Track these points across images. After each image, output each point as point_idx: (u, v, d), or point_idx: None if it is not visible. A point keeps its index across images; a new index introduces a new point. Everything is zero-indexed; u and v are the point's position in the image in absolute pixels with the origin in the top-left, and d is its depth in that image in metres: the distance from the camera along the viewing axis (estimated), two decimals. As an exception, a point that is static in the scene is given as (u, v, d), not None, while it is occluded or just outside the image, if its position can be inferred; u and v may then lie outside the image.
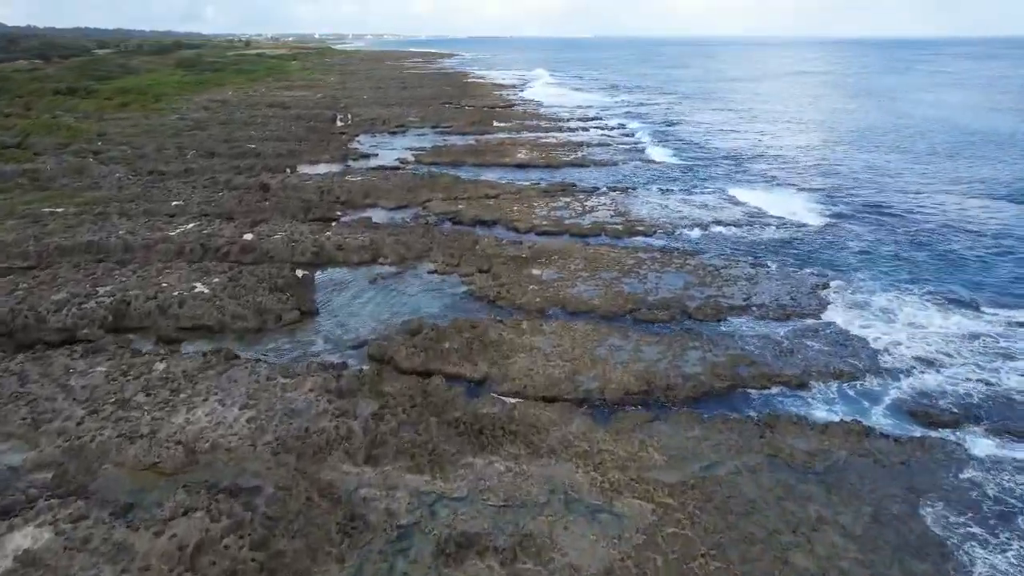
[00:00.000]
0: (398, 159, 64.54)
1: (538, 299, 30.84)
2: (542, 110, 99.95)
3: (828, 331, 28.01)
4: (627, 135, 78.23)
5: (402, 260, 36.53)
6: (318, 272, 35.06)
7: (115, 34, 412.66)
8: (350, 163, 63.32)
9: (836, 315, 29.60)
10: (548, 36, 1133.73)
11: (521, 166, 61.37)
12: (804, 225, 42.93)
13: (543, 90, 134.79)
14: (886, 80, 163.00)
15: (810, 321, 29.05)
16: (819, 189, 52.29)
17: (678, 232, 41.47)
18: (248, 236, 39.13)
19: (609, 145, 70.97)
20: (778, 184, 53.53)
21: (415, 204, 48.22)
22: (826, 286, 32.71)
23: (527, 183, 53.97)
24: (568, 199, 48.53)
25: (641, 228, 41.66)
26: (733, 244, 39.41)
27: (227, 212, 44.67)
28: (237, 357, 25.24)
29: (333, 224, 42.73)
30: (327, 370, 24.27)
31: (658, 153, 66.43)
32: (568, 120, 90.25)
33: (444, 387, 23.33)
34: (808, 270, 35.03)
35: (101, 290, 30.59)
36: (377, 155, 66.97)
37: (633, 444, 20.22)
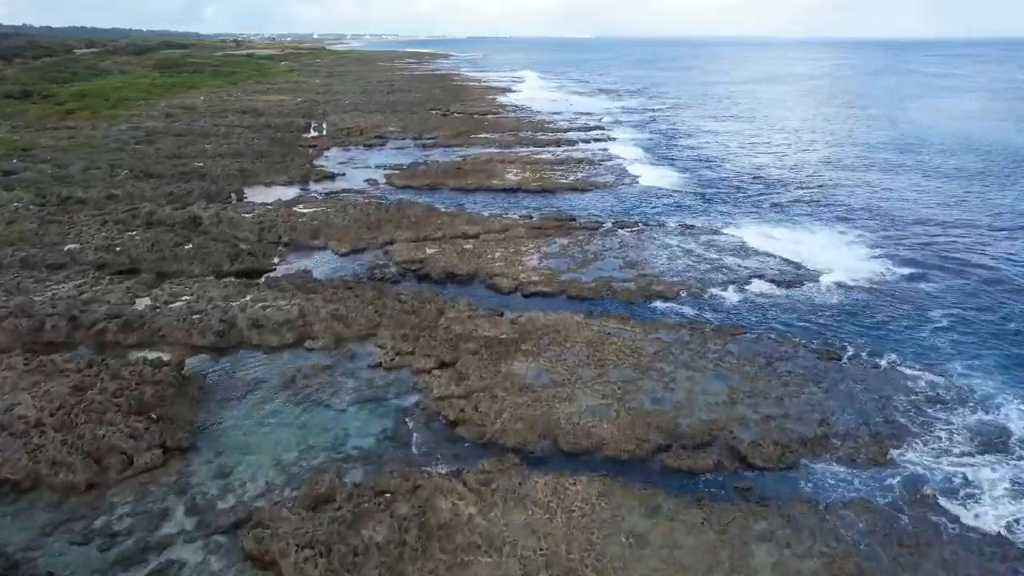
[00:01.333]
0: (367, 180, 54.44)
1: (519, 424, 20.79)
2: (538, 118, 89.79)
3: (951, 495, 18.04)
4: (632, 148, 68.07)
5: (338, 343, 26.50)
6: (217, 365, 25.03)
7: (111, 33, 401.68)
8: (310, 186, 53.21)
9: (959, 450, 19.66)
10: (548, 36, 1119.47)
11: (511, 190, 51.27)
12: (866, 283, 32.81)
13: (540, 94, 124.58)
14: (899, 85, 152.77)
15: (920, 467, 19.10)
16: (868, 226, 42.15)
17: (708, 293, 31.40)
18: (141, 303, 29.06)
19: (612, 162, 60.83)
20: (819, 220, 43.40)
21: (375, 246, 38.17)
22: (931, 396, 22.70)
23: (516, 216, 43.90)
24: (565, 240, 38.45)
25: (659, 288, 31.56)
26: (784, 314, 29.36)
27: (131, 261, 34.58)
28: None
29: (261, 280, 32.63)
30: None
31: (669, 176, 56.22)
32: (567, 130, 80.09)
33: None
34: (893, 359, 25.04)
35: None
36: (344, 175, 56.88)
37: None
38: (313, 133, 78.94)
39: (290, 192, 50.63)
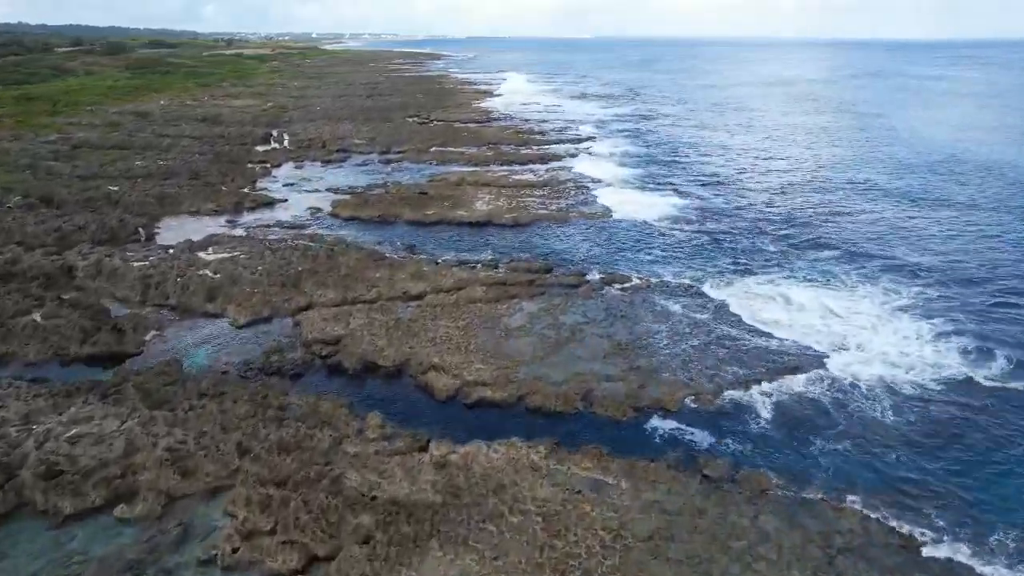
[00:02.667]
0: (310, 210, 45.06)
1: None
2: (524, 127, 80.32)
3: None
4: (625, 167, 58.64)
5: (168, 502, 17.22)
6: (-40, 559, 15.74)
7: (107, 32, 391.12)
8: (240, 216, 43.90)
9: None
10: (548, 37, 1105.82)
11: (479, 224, 41.93)
12: (940, 386, 23.44)
13: (530, 99, 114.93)
14: (913, 92, 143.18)
15: None
16: (922, 281, 32.73)
17: (725, 400, 22.08)
18: (-96, 425, 19.73)
19: (601, 186, 51.39)
20: (858, 270, 33.97)
21: (285, 313, 28.85)
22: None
23: (479, 265, 34.58)
24: (535, 306, 29.09)
25: (658, 394, 22.18)
26: (832, 443, 19.99)
27: (-58, 342, 25.29)
28: None
29: (114, 370, 23.33)
30: None
31: (668, 205, 46.70)
32: (554, 142, 70.69)
33: None
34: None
35: None
36: (286, 201, 47.54)
37: None
38: (272, 145, 69.59)
39: (210, 226, 41.28)
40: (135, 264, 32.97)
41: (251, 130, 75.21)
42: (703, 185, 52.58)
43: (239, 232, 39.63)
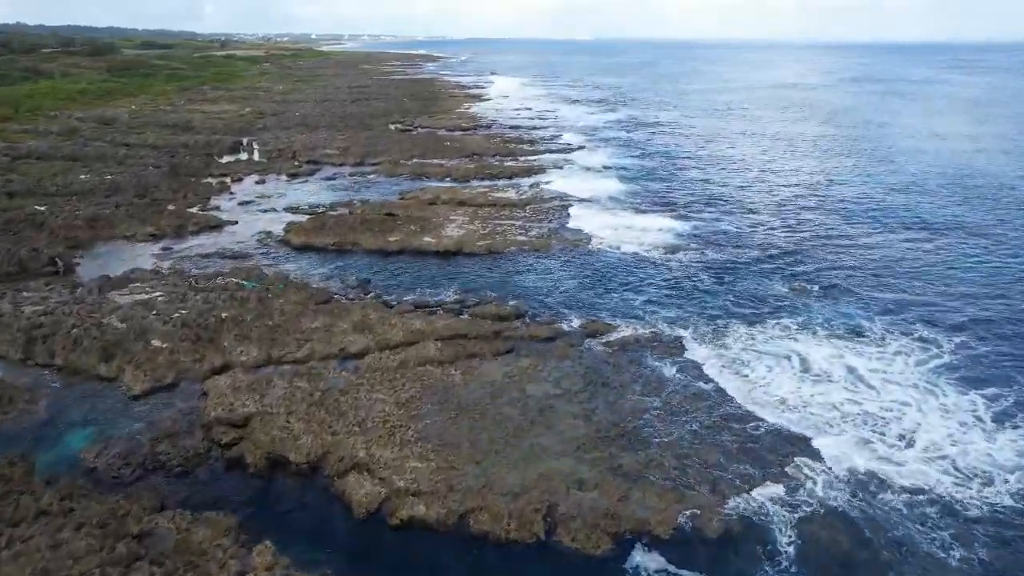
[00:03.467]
0: (259, 235, 39.71)
1: None
2: (512, 135, 74.94)
3: None
4: (618, 181, 53.26)
5: None
6: None
7: (106, 32, 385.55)
8: (180, 242, 38.54)
9: None
10: (547, 38, 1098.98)
11: (447, 255, 36.55)
12: None
13: (522, 104, 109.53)
14: (927, 99, 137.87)
15: None
16: (982, 344, 27.14)
17: (730, 518, 16.72)
18: None
19: (590, 206, 46.00)
20: (899, 325, 28.27)
21: (191, 378, 23.44)
22: None
23: (438, 308, 29.20)
24: (497, 371, 23.66)
25: (642, 516, 16.78)
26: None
27: None
28: None
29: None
30: None
31: (664, 230, 41.16)
32: (542, 153, 65.37)
33: None
34: None
35: None
36: (236, 224, 42.22)
37: None
38: (240, 156, 64.30)
39: (141, 256, 35.92)
40: (27, 309, 27.59)
41: (219, 139, 69.81)
42: (702, 204, 47.09)
43: (168, 264, 34.19)
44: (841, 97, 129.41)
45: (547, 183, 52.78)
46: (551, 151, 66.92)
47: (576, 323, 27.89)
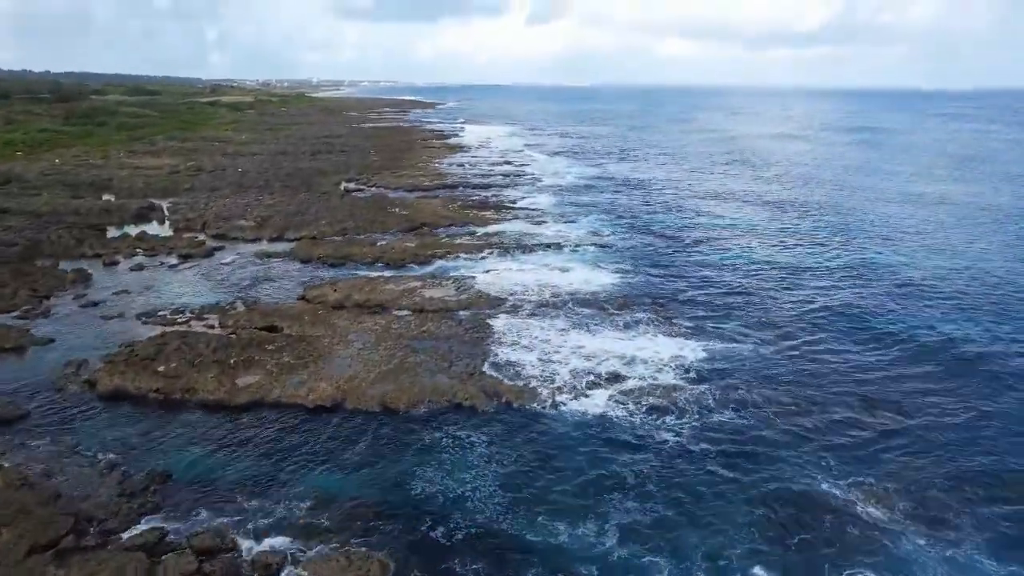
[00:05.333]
0: (67, 366, 26.82)
1: None
2: (479, 196, 62.94)
3: None
4: (594, 273, 40.68)
5: None
6: None
7: (111, 78, 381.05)
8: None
9: None
10: (545, 84, 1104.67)
11: (319, 411, 23.65)
12: None
13: (504, 155, 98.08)
14: (925, 153, 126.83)
15: None
16: None
17: None
18: None
19: (555, 312, 33.25)
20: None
21: None
22: None
23: (252, 554, 16.22)
24: None
25: None
26: None
27: None
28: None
29: None
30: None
31: (655, 362, 28.31)
32: (508, 220, 53.28)
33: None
34: None
35: None
36: (50, 342, 29.44)
37: None
38: (146, 225, 52.16)
39: None
40: None
41: (127, 204, 57.73)
42: (712, 314, 33.68)
43: None
44: (854, 151, 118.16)
45: (505, 270, 40.29)
46: (518, 218, 54.77)
47: (482, 609, 14.84)
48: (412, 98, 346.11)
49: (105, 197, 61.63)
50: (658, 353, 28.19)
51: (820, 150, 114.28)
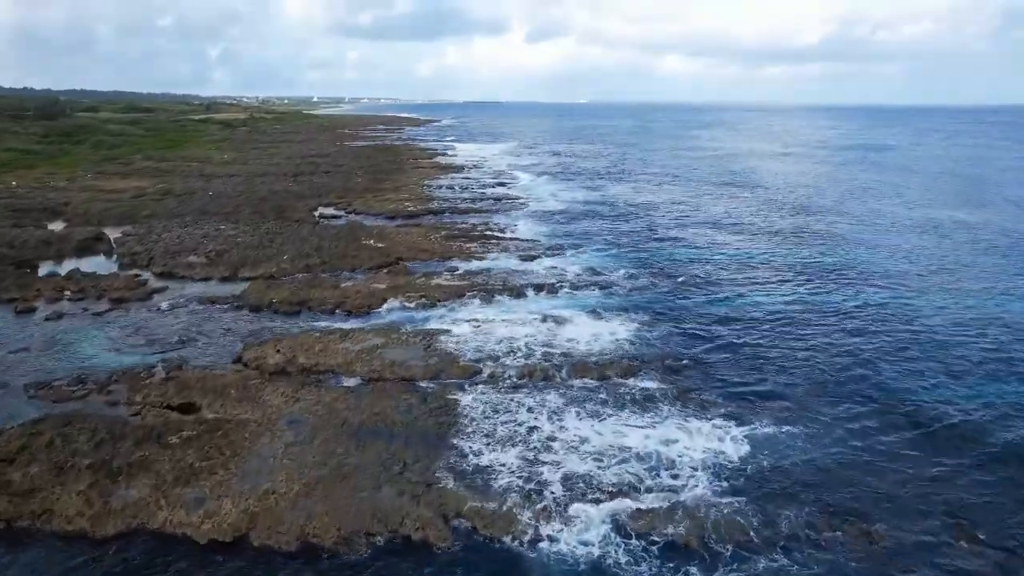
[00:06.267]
0: None
1: None
2: (466, 224, 56.64)
3: None
4: (594, 319, 34.09)
5: None
6: None
7: (112, 96, 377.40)
8: None
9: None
10: (543, 101, 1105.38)
11: (213, 549, 16.98)
12: None
13: (496, 177, 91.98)
14: (928, 175, 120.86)
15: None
16: None
17: None
18: None
19: (542, 393, 26.64)
20: None
21: None
22: None
23: None
24: None
25: None
26: None
27: None
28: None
29: None
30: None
31: (697, 459, 21.78)
32: (494, 253, 46.89)
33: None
34: None
35: None
36: None
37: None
38: (90, 260, 45.73)
39: None
40: None
41: (72, 233, 51.38)
42: (746, 384, 27.12)
43: None
44: (866, 173, 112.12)
45: (486, 321, 33.70)
46: (507, 251, 48.36)
47: None
48: (408, 115, 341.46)
49: (52, 226, 55.30)
50: (689, 450, 21.40)
51: (825, 169, 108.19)
